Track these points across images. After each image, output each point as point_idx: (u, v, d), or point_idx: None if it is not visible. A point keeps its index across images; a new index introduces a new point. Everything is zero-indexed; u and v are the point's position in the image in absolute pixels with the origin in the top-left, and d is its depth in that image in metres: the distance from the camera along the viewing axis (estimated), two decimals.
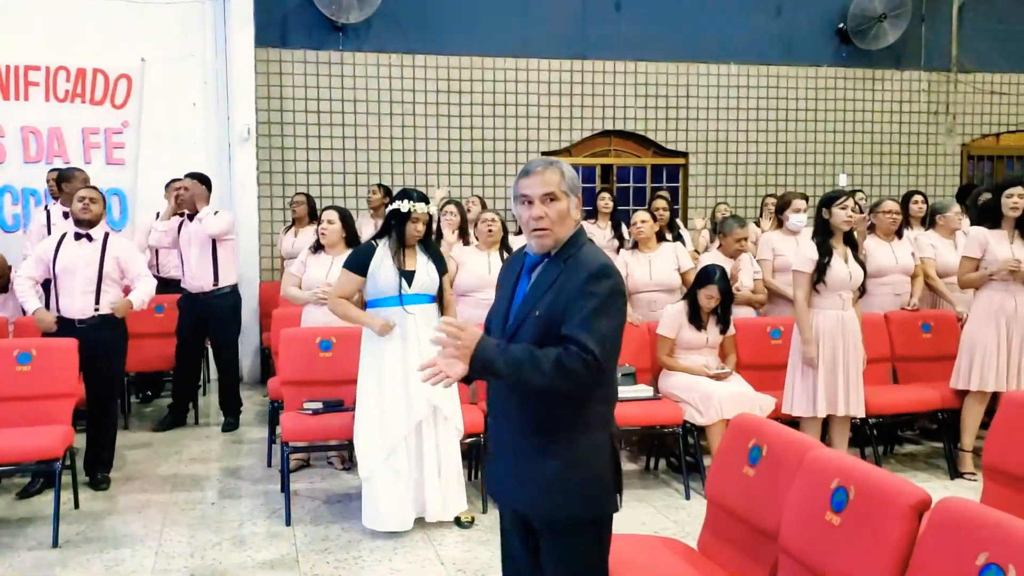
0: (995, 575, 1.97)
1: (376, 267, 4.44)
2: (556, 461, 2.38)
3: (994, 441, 3.40)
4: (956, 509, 2.17)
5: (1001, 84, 9.61)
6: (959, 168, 9.63)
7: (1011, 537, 2.00)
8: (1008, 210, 5.12)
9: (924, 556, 2.19)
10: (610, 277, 2.37)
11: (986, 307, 5.18)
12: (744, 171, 9.42)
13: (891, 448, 6.01)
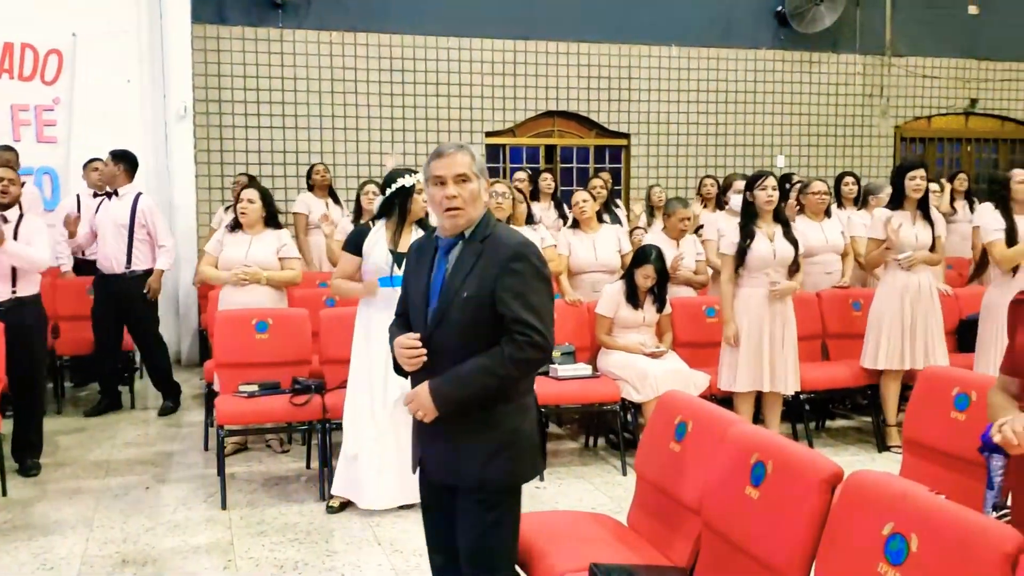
0: (899, 544, 2.05)
1: (370, 248, 4.43)
2: (496, 433, 2.48)
3: (912, 415, 3.51)
4: (864, 482, 2.25)
5: (932, 68, 9.83)
6: (893, 150, 9.85)
7: (914, 507, 2.08)
8: (911, 192, 5.27)
9: (836, 527, 2.26)
10: (533, 253, 2.48)
11: (891, 286, 5.34)
12: (685, 152, 9.52)
13: (823, 423, 6.17)
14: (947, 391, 3.37)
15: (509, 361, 2.40)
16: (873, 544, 2.11)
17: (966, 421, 3.21)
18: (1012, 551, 1.84)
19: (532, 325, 2.40)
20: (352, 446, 4.43)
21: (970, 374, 3.54)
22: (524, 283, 2.42)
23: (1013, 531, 1.88)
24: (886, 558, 2.07)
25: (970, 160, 10.13)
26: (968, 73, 9.89)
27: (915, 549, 2.01)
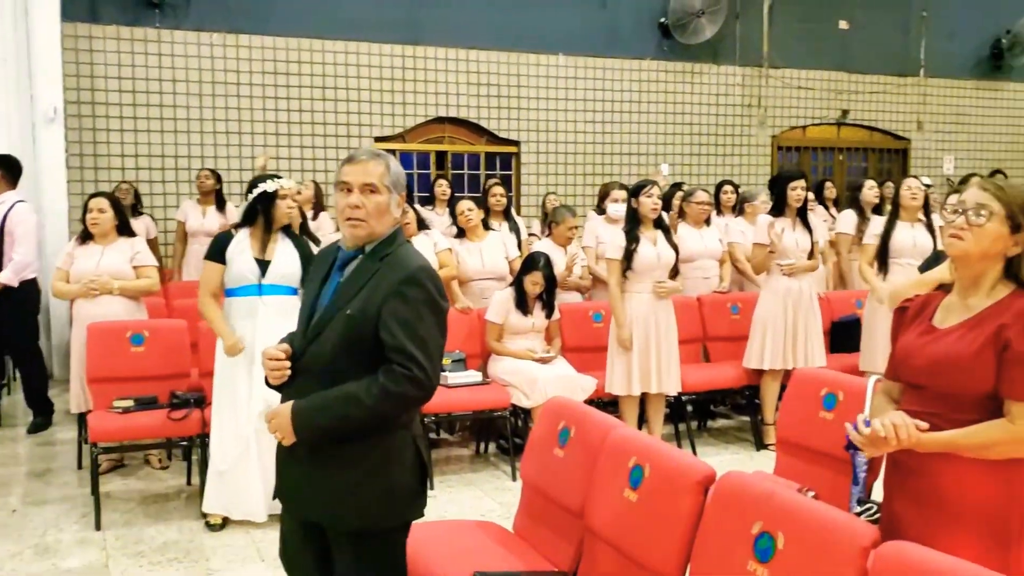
0: (767, 542, 2.13)
1: (233, 255, 4.29)
2: (353, 470, 2.32)
3: (784, 415, 3.66)
4: (734, 483, 2.33)
5: (807, 80, 10.27)
6: (770, 158, 10.24)
7: (779, 507, 2.16)
8: (792, 200, 5.52)
9: (709, 528, 2.33)
10: (429, 279, 2.33)
11: (773, 291, 5.57)
12: (574, 160, 9.65)
13: (704, 423, 6.35)
14: (816, 392, 3.53)
15: (381, 393, 2.22)
16: (743, 543, 2.18)
17: (834, 420, 3.36)
18: (868, 546, 1.93)
19: (414, 358, 2.22)
20: (219, 461, 4.32)
21: (837, 375, 3.70)
22: (414, 311, 2.26)
23: (869, 527, 1.98)
24: (755, 556, 2.14)
25: (842, 168, 10.63)
26: (840, 85, 10.37)
27: (781, 547, 2.09)
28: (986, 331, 2.07)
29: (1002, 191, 2.12)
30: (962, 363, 2.08)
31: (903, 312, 2.33)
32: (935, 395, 2.13)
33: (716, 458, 5.55)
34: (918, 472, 2.14)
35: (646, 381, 5.23)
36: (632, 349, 5.19)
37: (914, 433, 2.04)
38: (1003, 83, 10.93)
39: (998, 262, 2.13)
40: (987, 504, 2.08)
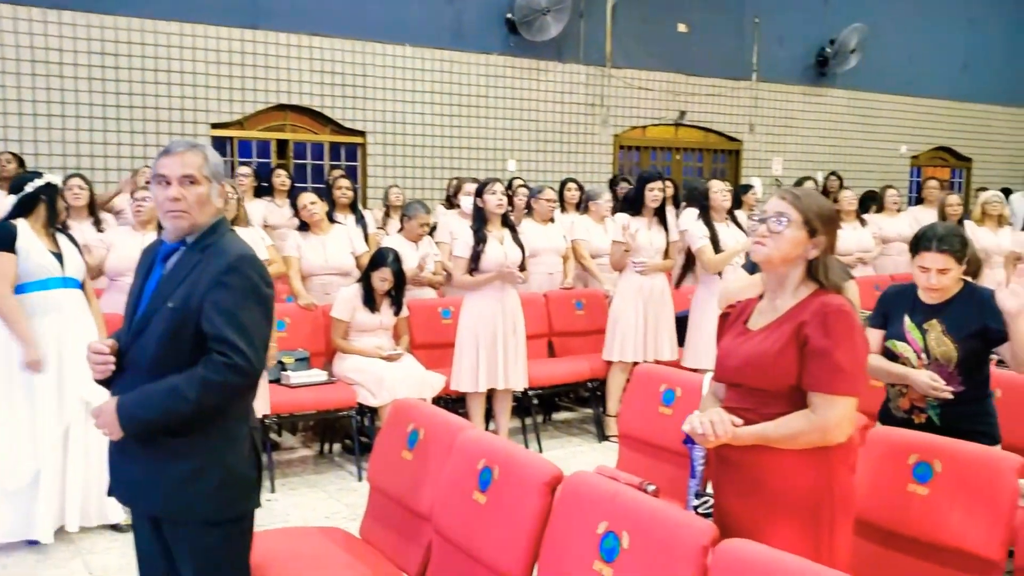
0: (612, 541, 2.17)
1: (26, 247, 3.99)
2: (189, 462, 2.29)
3: (626, 410, 3.77)
4: (581, 483, 2.37)
5: (647, 80, 10.60)
6: (612, 157, 10.51)
7: (623, 506, 2.22)
8: (649, 201, 5.69)
9: (556, 528, 2.36)
10: (251, 267, 2.32)
11: (629, 286, 5.73)
12: (421, 153, 9.58)
13: (550, 416, 6.46)
14: (656, 387, 3.65)
15: (202, 384, 2.21)
16: (589, 543, 2.22)
17: (673, 415, 3.48)
18: (708, 544, 2.01)
19: (235, 346, 2.21)
20: (10, 480, 3.96)
21: (676, 372, 3.84)
22: (235, 299, 2.25)
23: (709, 526, 2.06)
24: (601, 556, 2.19)
25: (679, 168, 11.04)
26: (678, 87, 10.75)
27: (626, 546, 2.14)
28: (788, 329, 2.22)
29: (798, 199, 2.27)
30: (767, 360, 2.22)
31: (725, 317, 2.46)
32: (748, 391, 2.28)
33: (560, 451, 5.66)
34: (739, 464, 2.26)
35: (493, 377, 5.26)
36: (474, 346, 5.20)
37: (730, 429, 2.16)
38: (828, 89, 11.64)
39: (800, 265, 2.28)
40: (801, 491, 2.21)
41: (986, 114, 12.91)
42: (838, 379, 2.16)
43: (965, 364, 3.08)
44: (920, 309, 3.18)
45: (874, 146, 12.05)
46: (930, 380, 3.05)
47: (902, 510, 2.80)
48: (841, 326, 2.17)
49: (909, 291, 3.26)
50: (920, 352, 3.14)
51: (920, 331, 3.15)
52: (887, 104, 12.07)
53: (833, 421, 2.17)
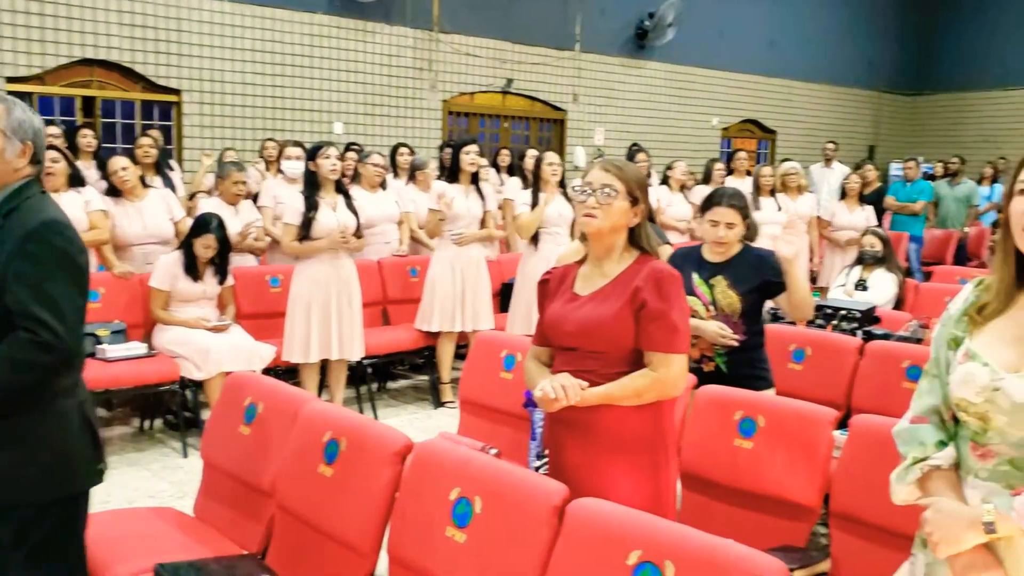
0: (465, 507, 2.19)
1: None
2: (14, 447, 2.10)
3: (467, 376, 3.79)
4: (432, 451, 2.37)
5: (475, 47, 10.58)
6: (441, 123, 10.46)
7: (477, 472, 2.23)
8: (466, 165, 5.69)
9: (407, 497, 2.35)
10: (57, 233, 2.11)
11: (444, 256, 5.72)
12: (243, 114, 9.17)
13: (384, 384, 6.41)
14: (496, 353, 3.69)
15: (8, 364, 2.02)
16: (441, 509, 2.23)
17: (513, 380, 3.54)
18: (559, 504, 2.06)
19: (42, 320, 2.02)
20: None
21: (516, 338, 3.90)
22: (40, 269, 2.05)
23: (560, 486, 2.11)
24: (453, 521, 2.20)
25: (507, 136, 11.13)
26: (505, 55, 10.79)
27: (479, 510, 2.16)
28: (624, 294, 2.33)
29: (621, 171, 2.40)
30: (606, 323, 2.32)
31: (546, 284, 2.53)
32: (587, 354, 2.35)
33: (397, 419, 5.64)
34: (577, 423, 2.34)
35: (326, 347, 5.14)
36: (307, 315, 5.07)
37: (579, 392, 2.24)
38: (646, 62, 12.02)
39: (623, 233, 2.41)
40: (638, 440, 2.35)
41: (788, 89, 13.77)
42: (675, 338, 2.30)
43: (747, 314, 3.38)
44: (706, 267, 3.47)
45: (689, 118, 12.60)
46: (719, 329, 3.34)
47: (729, 463, 2.98)
48: (673, 289, 2.32)
49: (695, 252, 3.56)
50: (708, 304, 3.41)
51: (708, 285, 3.40)
52: (700, 78, 12.63)
53: (674, 377, 2.32)
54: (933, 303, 5.77)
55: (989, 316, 1.71)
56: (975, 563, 1.61)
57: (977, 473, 1.68)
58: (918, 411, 1.81)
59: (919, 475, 1.75)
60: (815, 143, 12.61)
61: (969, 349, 1.70)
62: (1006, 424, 1.61)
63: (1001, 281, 1.71)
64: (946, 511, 1.65)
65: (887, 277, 5.70)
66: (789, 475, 2.86)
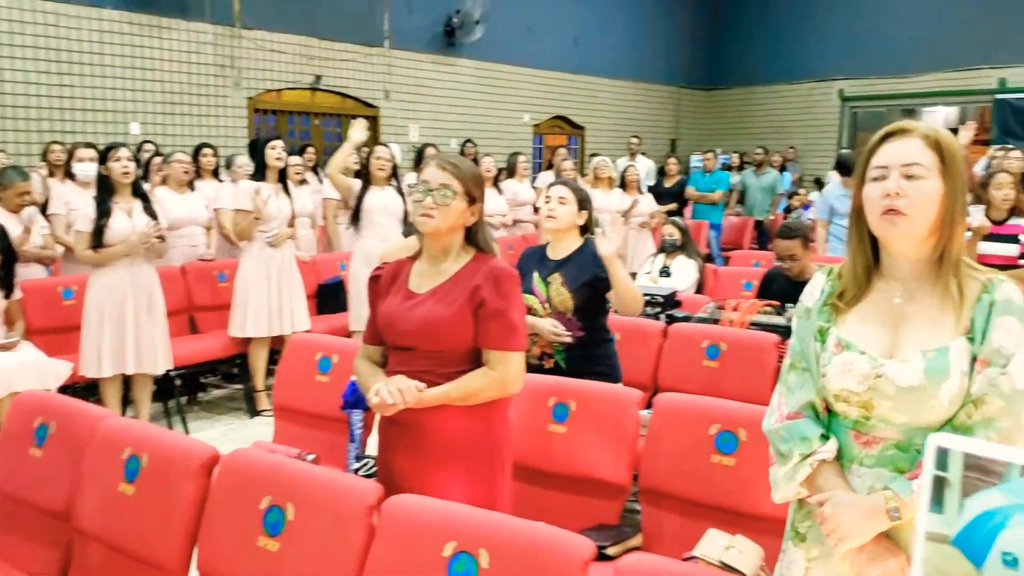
0: (276, 515, 2.13)
1: None
2: None
3: (281, 382, 3.69)
4: (239, 461, 2.29)
5: (280, 43, 10.29)
6: (247, 121, 10.11)
7: (287, 479, 2.18)
8: (272, 162, 5.53)
9: (215, 509, 2.27)
10: None
11: (255, 258, 5.54)
12: (25, 114, 8.51)
13: (195, 396, 6.14)
14: (311, 356, 3.61)
15: None
16: (252, 520, 2.16)
17: (329, 383, 3.48)
18: (373, 504, 2.04)
19: None
20: None
21: (331, 339, 3.84)
22: None
23: (374, 486, 2.09)
24: (265, 531, 2.14)
25: (318, 133, 10.90)
26: (312, 51, 10.55)
27: (292, 518, 2.11)
28: (462, 292, 2.32)
29: (458, 169, 2.37)
30: (445, 322, 2.29)
31: (377, 280, 2.49)
32: (424, 354, 2.32)
33: (211, 431, 5.42)
34: (410, 424, 2.31)
35: (121, 360, 4.82)
36: (102, 327, 4.77)
37: (415, 394, 2.20)
38: (457, 59, 12.10)
39: (460, 232, 2.40)
40: (472, 443, 2.34)
41: (595, 85, 14.24)
42: (513, 337, 2.31)
43: (581, 311, 3.43)
44: (547, 265, 3.50)
45: (500, 114, 12.80)
46: (552, 327, 3.39)
47: (545, 449, 3.06)
48: (512, 288, 2.33)
49: (539, 251, 3.60)
50: (544, 302, 3.46)
51: (544, 283, 3.46)
52: (510, 75, 12.86)
53: (512, 375, 2.32)
54: (731, 285, 6.16)
55: (850, 303, 1.74)
56: (881, 553, 1.62)
57: (862, 461, 1.69)
58: (792, 407, 1.79)
59: (810, 471, 1.73)
60: (622, 137, 13.12)
61: (841, 339, 1.72)
62: (889, 409, 1.64)
63: (857, 266, 1.74)
64: (845, 504, 1.64)
65: (688, 263, 6.02)
66: (601, 456, 2.97)
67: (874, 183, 1.68)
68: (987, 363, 1.59)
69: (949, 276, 1.65)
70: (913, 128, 1.69)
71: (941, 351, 1.61)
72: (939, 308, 1.65)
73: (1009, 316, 1.59)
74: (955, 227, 1.65)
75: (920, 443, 1.61)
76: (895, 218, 1.63)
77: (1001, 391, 1.57)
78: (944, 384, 1.60)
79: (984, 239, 4.88)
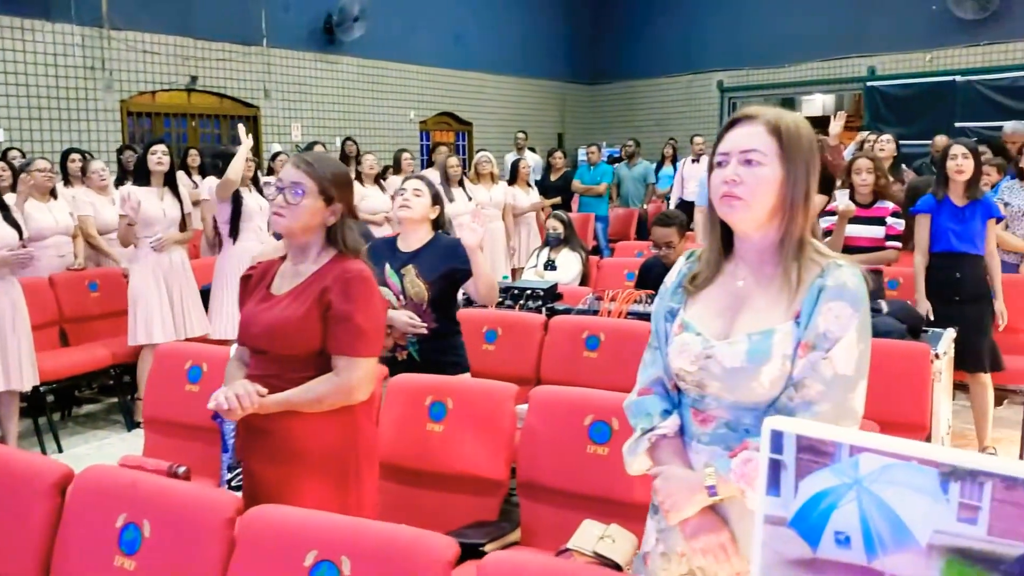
0: (133, 533, 2.05)
1: None
2: None
3: (150, 393, 3.57)
4: (94, 478, 2.20)
5: (153, 44, 9.92)
6: (120, 124, 9.72)
7: (144, 495, 2.10)
8: (154, 166, 5.35)
9: (69, 530, 2.17)
10: None
11: (144, 264, 5.37)
12: None
13: (69, 411, 5.89)
14: (181, 365, 3.50)
15: None
16: (107, 539, 2.08)
17: (200, 392, 3.38)
18: (232, 515, 1.99)
19: None
20: None
21: (201, 347, 3.73)
22: None
23: (233, 497, 2.04)
24: (121, 549, 2.06)
25: (196, 135, 10.57)
26: (187, 51, 10.22)
27: (148, 535, 2.04)
28: (311, 295, 2.27)
29: (312, 167, 2.31)
30: (292, 326, 2.25)
31: (247, 280, 2.43)
32: (274, 358, 2.28)
33: (85, 447, 5.21)
34: (267, 431, 2.26)
35: None
36: None
37: (256, 399, 2.15)
38: (339, 56, 11.90)
39: (320, 232, 2.34)
40: (329, 450, 2.29)
41: (480, 82, 14.25)
42: (360, 342, 2.25)
43: (436, 303, 3.45)
44: (398, 257, 3.50)
45: (385, 112, 12.67)
46: (408, 319, 3.38)
47: (423, 448, 3.04)
48: (361, 291, 2.26)
49: (389, 243, 3.59)
50: (399, 294, 3.46)
51: (398, 275, 3.45)
52: (394, 72, 12.74)
53: (356, 382, 2.25)
54: (614, 276, 6.26)
55: (701, 285, 1.77)
56: (703, 526, 1.67)
57: (699, 438, 1.73)
58: (644, 383, 1.84)
59: (648, 445, 1.77)
60: (509, 133, 13.17)
61: (683, 320, 1.76)
62: (719, 389, 1.68)
63: (710, 250, 1.78)
64: (673, 478, 1.70)
65: (572, 256, 6.09)
66: (479, 452, 2.97)
67: (717, 169, 1.71)
68: (811, 347, 1.62)
69: (790, 260, 1.69)
70: (758, 115, 1.71)
71: (766, 334, 1.65)
72: (777, 292, 1.69)
73: (839, 301, 1.62)
74: (795, 211, 1.68)
75: (747, 423, 1.67)
76: (732, 202, 1.67)
77: (821, 375, 1.60)
78: (765, 367, 1.63)
79: (851, 222, 5.08)
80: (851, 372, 1.61)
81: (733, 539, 1.67)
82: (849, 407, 1.62)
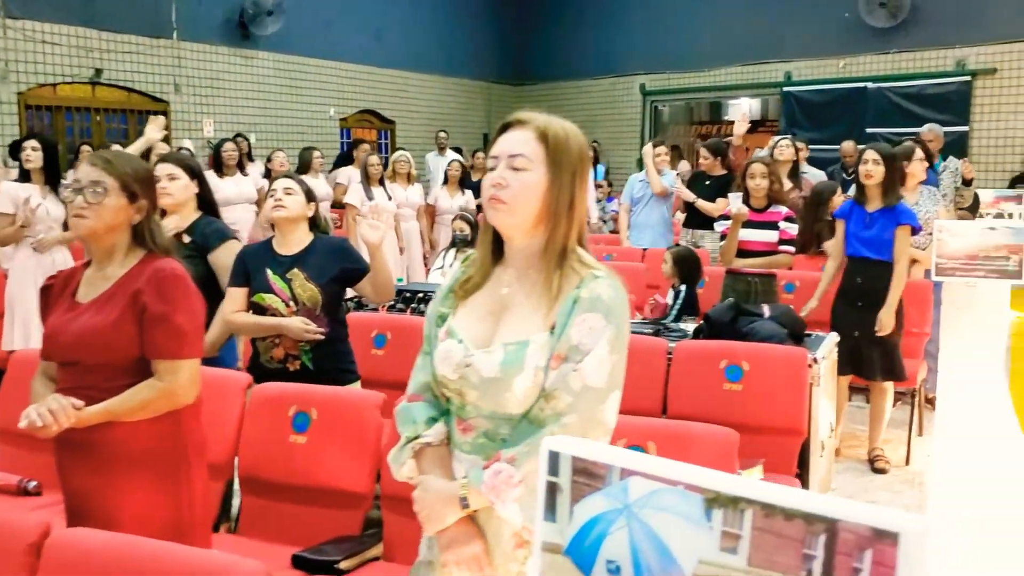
0: None
1: None
2: None
3: (3, 401, 3.38)
4: None
5: (54, 35, 9.57)
6: (18, 118, 9.35)
7: None
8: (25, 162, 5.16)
9: None
10: None
11: (24, 266, 5.16)
12: None
13: None
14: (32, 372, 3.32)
15: None
16: None
17: None
18: (37, 540, 1.86)
19: None
20: None
21: None
22: None
23: (37, 521, 1.92)
24: None
25: (101, 130, 10.21)
26: (91, 43, 9.87)
27: None
28: (123, 299, 2.16)
29: (111, 165, 2.21)
30: (105, 333, 2.14)
31: (48, 290, 2.31)
32: (87, 368, 2.17)
33: None
34: (86, 444, 2.16)
35: None
36: None
37: (72, 413, 2.04)
38: (254, 51, 11.62)
39: (125, 232, 2.24)
40: (155, 452, 2.20)
41: (403, 80, 14.09)
42: (181, 343, 2.17)
43: (327, 306, 3.34)
44: (279, 261, 3.36)
45: (304, 108, 12.43)
46: (303, 324, 3.26)
47: (286, 461, 2.93)
48: (177, 290, 2.17)
49: (264, 247, 3.45)
50: (288, 300, 3.32)
51: (285, 280, 3.31)
52: (312, 68, 12.50)
53: (180, 385, 2.18)
54: None
55: (471, 290, 1.75)
56: (457, 538, 1.64)
57: (462, 447, 1.71)
58: (414, 389, 1.81)
59: (411, 454, 1.75)
60: (433, 132, 13.04)
61: (450, 327, 1.73)
62: (477, 398, 1.66)
63: (482, 255, 1.76)
64: (431, 489, 1.68)
65: None
66: (343, 464, 2.87)
67: (489, 172, 1.70)
68: (563, 358, 1.61)
69: (552, 268, 1.67)
70: (529, 120, 1.72)
71: (521, 344, 1.63)
72: (537, 300, 1.67)
73: (593, 313, 1.61)
74: (559, 219, 1.67)
75: (504, 433, 1.65)
76: (497, 205, 1.65)
77: (570, 387, 1.59)
78: (518, 377, 1.61)
79: (745, 226, 5.10)
80: (602, 384, 1.59)
81: (487, 551, 1.64)
82: (598, 419, 1.60)
